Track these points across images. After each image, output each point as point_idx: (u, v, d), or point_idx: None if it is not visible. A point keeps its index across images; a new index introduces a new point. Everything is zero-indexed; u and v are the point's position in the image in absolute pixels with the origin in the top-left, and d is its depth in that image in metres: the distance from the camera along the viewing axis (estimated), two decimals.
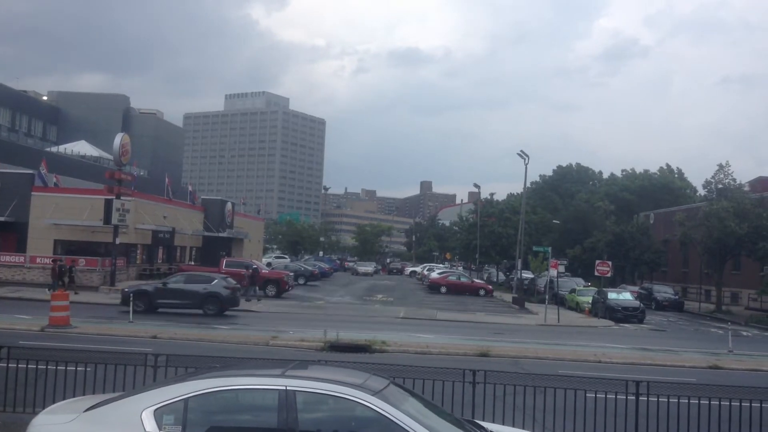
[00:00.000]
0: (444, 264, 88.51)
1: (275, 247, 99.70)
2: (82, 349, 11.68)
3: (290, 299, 37.49)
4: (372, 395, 5.32)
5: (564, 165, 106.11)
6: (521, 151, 39.49)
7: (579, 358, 19.22)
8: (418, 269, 71.28)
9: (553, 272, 34.56)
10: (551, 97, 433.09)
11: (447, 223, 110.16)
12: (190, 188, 51.73)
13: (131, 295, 24.77)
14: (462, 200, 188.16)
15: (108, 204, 35.88)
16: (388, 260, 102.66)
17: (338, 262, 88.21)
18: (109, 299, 31.71)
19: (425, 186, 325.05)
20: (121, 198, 36.39)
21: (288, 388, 5.31)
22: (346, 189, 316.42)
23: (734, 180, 43.44)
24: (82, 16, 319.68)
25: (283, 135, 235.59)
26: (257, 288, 36.16)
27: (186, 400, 5.29)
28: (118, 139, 36.68)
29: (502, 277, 70.31)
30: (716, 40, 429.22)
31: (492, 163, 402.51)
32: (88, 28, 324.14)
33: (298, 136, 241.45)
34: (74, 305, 27.39)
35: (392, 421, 5.15)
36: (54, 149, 66.59)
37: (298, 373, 5.66)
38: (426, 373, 9.40)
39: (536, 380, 10.20)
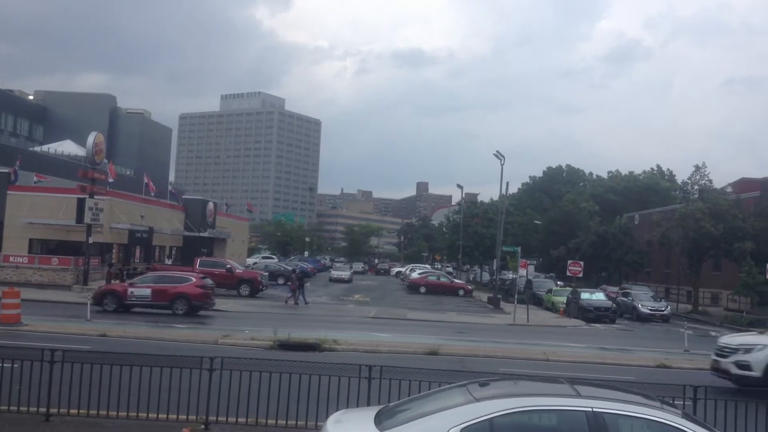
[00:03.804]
0: (434, 265, 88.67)
1: (265, 247, 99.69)
2: None
3: (264, 299, 37.48)
4: (682, 417, 5.29)
5: (554, 166, 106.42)
6: (497, 151, 39.53)
7: (528, 356, 19.22)
8: (403, 270, 71.31)
9: (523, 272, 34.57)
10: (554, 99, 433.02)
11: (436, 224, 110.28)
12: (170, 188, 51.72)
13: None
14: (456, 201, 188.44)
15: (80, 203, 35.82)
16: (375, 261, 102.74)
17: (322, 263, 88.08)
18: (80, 298, 31.57)
19: (421, 187, 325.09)
20: (95, 197, 36.37)
21: (594, 409, 5.27)
22: (342, 189, 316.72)
23: (710, 181, 43.58)
24: (85, 15, 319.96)
25: (279, 136, 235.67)
26: (302, 292, 35.02)
27: (491, 420, 5.30)
28: (92, 138, 36.68)
29: (487, 277, 70.33)
30: (718, 43, 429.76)
31: (492, 164, 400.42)
32: (90, 28, 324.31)
33: (294, 137, 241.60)
34: (42, 304, 27.58)
35: None
36: (38, 148, 66.59)
37: (593, 393, 5.73)
38: (322, 369, 9.43)
39: (443, 376, 10.19)
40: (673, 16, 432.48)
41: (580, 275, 36.87)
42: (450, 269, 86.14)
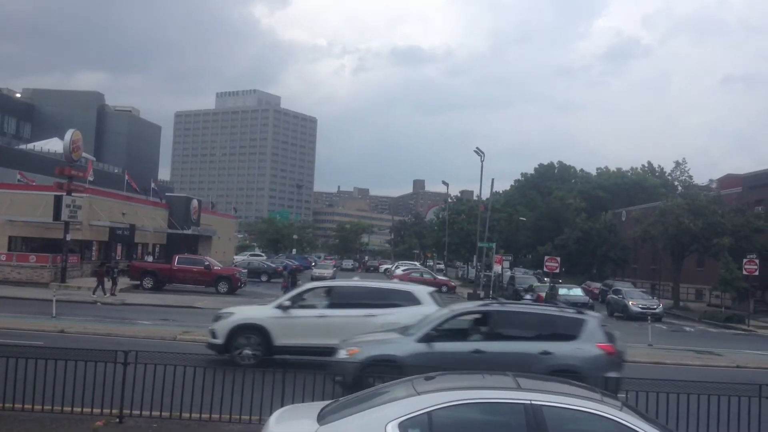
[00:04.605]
0: (426, 262, 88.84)
1: (256, 245, 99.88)
2: None
3: (242, 296, 37.39)
4: (618, 410, 5.29)
5: (546, 163, 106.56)
6: (477, 148, 39.56)
7: None
8: (391, 267, 71.44)
9: (497, 268, 34.61)
10: (552, 97, 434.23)
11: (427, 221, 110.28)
12: (153, 185, 51.70)
13: None
14: (444, 199, 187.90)
15: (57, 200, 35.81)
16: (365, 258, 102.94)
17: (309, 260, 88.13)
18: (59, 296, 31.62)
19: (417, 185, 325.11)
20: (73, 194, 36.36)
21: (533, 402, 5.27)
22: (339, 187, 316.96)
23: (690, 177, 43.65)
24: (83, 14, 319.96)
25: (274, 133, 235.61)
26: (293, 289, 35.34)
27: (430, 413, 5.26)
28: (69, 135, 36.68)
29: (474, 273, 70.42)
30: (716, 41, 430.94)
31: (490, 162, 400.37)
32: (89, 27, 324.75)
33: (290, 135, 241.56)
34: (17, 301, 27.62)
35: None
36: (24, 146, 66.60)
37: (532, 386, 5.71)
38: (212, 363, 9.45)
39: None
40: (670, 15, 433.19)
41: (557, 271, 36.90)
42: (441, 266, 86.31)
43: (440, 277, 53.52)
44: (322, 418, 5.58)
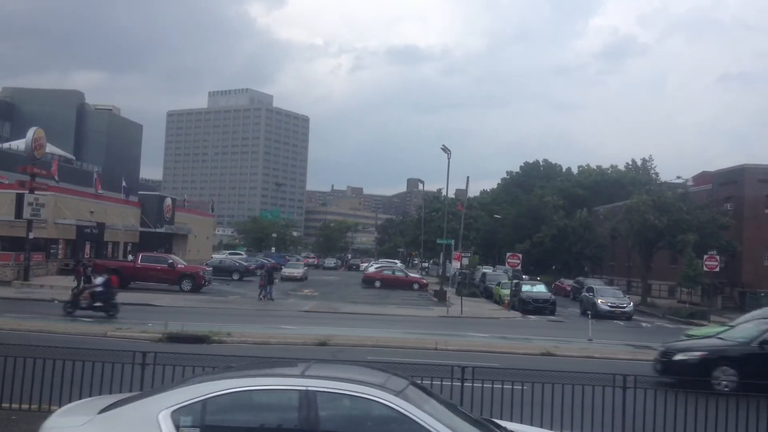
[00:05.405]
0: (412, 260, 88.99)
1: (241, 244, 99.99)
2: None
3: (208, 294, 37.39)
4: (394, 395, 5.29)
5: (531, 161, 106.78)
6: (443, 146, 39.54)
7: (419, 346, 19.32)
8: (367, 265, 71.63)
9: (456, 264, 34.67)
10: (549, 95, 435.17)
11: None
12: (123, 183, 51.64)
13: None
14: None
15: (19, 198, 35.80)
16: (348, 257, 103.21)
17: (287, 258, 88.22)
18: (19, 294, 31.74)
19: (411, 184, 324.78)
20: (36, 192, 36.33)
21: (309, 388, 5.28)
22: (333, 186, 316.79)
23: (656, 174, 43.76)
24: (79, 13, 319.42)
25: (267, 132, 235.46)
26: (271, 287, 35.50)
27: (204, 401, 5.24)
28: (31, 133, 36.67)
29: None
30: (712, 40, 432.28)
31: (487, 160, 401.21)
32: (85, 26, 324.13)
33: (282, 134, 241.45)
34: None
35: (415, 421, 5.08)
36: (0, 145, 66.36)
37: (317, 373, 5.67)
38: (106, 357, 9.51)
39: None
40: (666, 13, 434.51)
41: (518, 267, 36.98)
42: (425, 264, 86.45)
43: (412, 275, 53.67)
44: (106, 408, 5.53)
